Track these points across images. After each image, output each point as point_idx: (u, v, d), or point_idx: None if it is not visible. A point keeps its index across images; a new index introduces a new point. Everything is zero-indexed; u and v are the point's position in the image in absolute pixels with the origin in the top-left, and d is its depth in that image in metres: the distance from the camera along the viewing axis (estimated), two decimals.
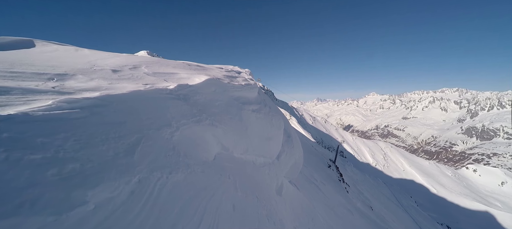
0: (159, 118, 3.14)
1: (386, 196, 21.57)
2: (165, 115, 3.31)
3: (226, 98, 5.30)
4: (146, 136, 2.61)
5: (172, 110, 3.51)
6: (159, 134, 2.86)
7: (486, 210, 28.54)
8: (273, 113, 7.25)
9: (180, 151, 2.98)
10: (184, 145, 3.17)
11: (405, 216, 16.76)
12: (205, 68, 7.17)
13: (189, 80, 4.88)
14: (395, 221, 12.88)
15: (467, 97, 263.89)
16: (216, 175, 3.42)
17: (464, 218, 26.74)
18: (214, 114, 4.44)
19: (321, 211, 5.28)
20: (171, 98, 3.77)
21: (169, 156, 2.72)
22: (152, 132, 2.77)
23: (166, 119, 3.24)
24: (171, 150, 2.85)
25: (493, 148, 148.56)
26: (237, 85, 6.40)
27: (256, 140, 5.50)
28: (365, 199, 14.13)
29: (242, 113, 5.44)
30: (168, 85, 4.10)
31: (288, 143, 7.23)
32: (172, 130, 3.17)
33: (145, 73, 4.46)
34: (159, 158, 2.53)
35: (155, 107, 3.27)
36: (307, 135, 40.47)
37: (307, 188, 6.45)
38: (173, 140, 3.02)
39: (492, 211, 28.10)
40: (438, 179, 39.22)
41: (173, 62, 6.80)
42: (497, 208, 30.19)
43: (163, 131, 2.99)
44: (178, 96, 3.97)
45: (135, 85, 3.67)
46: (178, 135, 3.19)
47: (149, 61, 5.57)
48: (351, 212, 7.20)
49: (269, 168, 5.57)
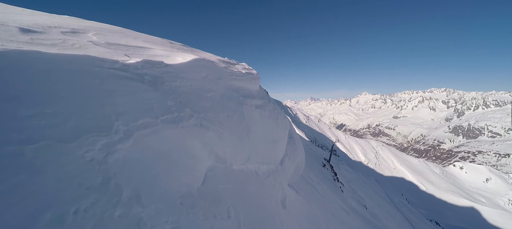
0: (80, 115, 1.65)
1: (379, 194, 22.08)
2: (100, 109, 1.82)
3: (222, 88, 4.05)
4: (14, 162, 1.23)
5: (119, 99, 2.05)
6: (63, 157, 1.39)
7: (472, 206, 29.67)
8: (278, 110, 6.27)
9: (123, 188, 1.52)
10: (141, 172, 1.73)
11: (397, 214, 17.23)
12: (194, 50, 5.64)
13: (167, 59, 3.51)
14: (388, 219, 13.23)
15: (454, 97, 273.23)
16: (207, 222, 2.04)
17: (451, 214, 27.70)
18: (205, 109, 3.19)
19: (322, 217, 5.18)
20: (122, 78, 2.33)
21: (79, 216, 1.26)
22: (46, 149, 1.35)
23: (100, 116, 1.77)
24: (98, 192, 1.39)
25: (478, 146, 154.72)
26: (237, 72, 5.09)
27: (260, 144, 4.40)
28: (359, 198, 14.44)
29: (244, 109, 4.28)
30: (124, 60, 2.70)
31: (291, 145, 6.38)
32: (112, 140, 1.69)
33: (91, 42, 2.98)
34: None
35: (73, 91, 1.76)
36: (301, 134, 40.81)
37: (305, 190, 6.47)
38: (107, 166, 1.53)
39: (477, 207, 29.24)
40: (427, 176, 40.41)
41: (146, 36, 5.09)
42: (482, 203, 31.43)
43: (81, 145, 1.50)
44: (139, 77, 2.57)
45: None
46: (127, 152, 1.74)
47: (105, 29, 4.05)
48: (347, 212, 7.33)
49: (274, 177, 4.57)
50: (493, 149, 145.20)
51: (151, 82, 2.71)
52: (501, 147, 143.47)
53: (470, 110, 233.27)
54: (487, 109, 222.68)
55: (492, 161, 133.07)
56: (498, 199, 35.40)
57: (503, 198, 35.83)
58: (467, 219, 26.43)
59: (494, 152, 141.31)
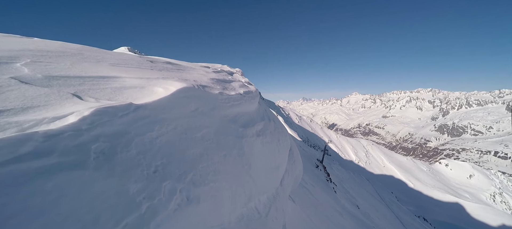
0: None
1: (370, 193, 22.64)
2: None
3: (216, 121, 3.29)
4: None
5: None
6: None
7: (456, 201, 30.94)
8: (279, 129, 5.47)
9: None
10: None
11: (387, 212, 17.74)
12: (182, 69, 4.79)
13: (140, 93, 2.60)
14: (379, 217, 13.60)
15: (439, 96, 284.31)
16: None
17: (438, 209, 28.77)
18: (194, 163, 2.30)
19: (318, 223, 5.12)
20: (37, 173, 1.24)
21: None
22: None
23: None
24: None
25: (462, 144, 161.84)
26: (234, 96, 4.31)
27: (262, 175, 3.78)
28: (352, 197, 14.76)
29: (244, 143, 3.58)
30: (55, 118, 1.60)
31: (290, 158, 5.73)
32: None
33: (16, 79, 1.98)
34: None
35: None
36: (293, 134, 41.18)
37: (301, 195, 6.51)
38: None
39: (462, 202, 30.54)
40: (415, 174, 41.72)
41: (116, 56, 4.14)
42: (466, 199, 32.83)
43: None
44: (80, 154, 1.48)
45: None
46: None
47: (50, 51, 2.99)
48: (340, 213, 7.48)
49: (276, 207, 3.92)
50: (475, 146, 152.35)
51: (104, 158, 1.55)
52: (483, 145, 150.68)
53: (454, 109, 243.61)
54: (470, 108, 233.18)
55: (475, 158, 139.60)
56: (480, 194, 37.12)
57: (485, 193, 37.61)
58: (453, 214, 27.54)
59: (476, 150, 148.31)
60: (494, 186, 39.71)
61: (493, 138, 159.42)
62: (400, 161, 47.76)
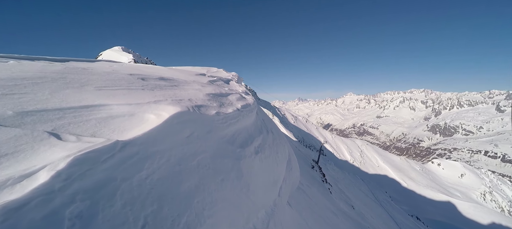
0: None
1: (364, 192, 22.89)
2: None
3: (213, 145, 3.05)
4: None
5: None
6: None
7: (448, 200, 31.62)
8: (277, 140, 5.20)
9: None
10: None
11: (382, 212, 17.97)
12: (176, 85, 4.43)
13: (129, 123, 2.31)
14: (374, 217, 13.75)
15: (432, 97, 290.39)
16: None
17: (431, 208, 29.32)
18: (188, 199, 2.13)
19: (314, 226, 5.09)
20: None
21: None
22: None
23: None
24: None
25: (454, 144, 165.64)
26: (231, 114, 3.98)
27: (260, 192, 3.60)
28: (347, 198, 14.88)
29: (242, 164, 3.36)
30: (22, 175, 1.25)
31: (288, 166, 5.49)
32: None
33: None
34: None
35: None
36: (289, 134, 41.31)
37: (297, 198, 6.48)
38: None
39: (454, 201, 31.22)
40: (408, 173, 42.41)
41: (104, 77, 3.64)
42: (457, 198, 33.56)
43: None
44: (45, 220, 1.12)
45: None
46: None
47: (24, 79, 2.67)
48: (336, 215, 7.51)
49: (274, 220, 3.77)
50: (466, 146, 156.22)
51: (81, 224, 1.25)
52: (474, 144, 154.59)
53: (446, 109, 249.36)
54: (461, 108, 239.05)
55: (466, 158, 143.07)
56: (471, 193, 38.02)
57: (475, 192, 38.54)
58: (445, 213, 28.11)
59: (467, 149, 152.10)
60: (485, 185, 40.73)
61: (484, 138, 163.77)
62: (393, 161, 48.48)
